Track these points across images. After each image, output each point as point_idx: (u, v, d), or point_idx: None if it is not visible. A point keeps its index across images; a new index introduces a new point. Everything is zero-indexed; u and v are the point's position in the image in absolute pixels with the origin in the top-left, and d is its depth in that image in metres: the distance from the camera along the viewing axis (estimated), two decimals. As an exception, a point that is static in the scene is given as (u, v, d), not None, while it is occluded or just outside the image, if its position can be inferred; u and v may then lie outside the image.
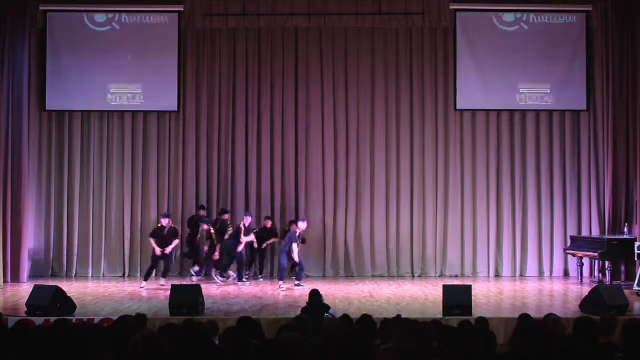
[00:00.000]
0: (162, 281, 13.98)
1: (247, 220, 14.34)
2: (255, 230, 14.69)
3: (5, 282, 14.00)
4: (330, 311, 9.57)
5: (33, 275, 15.06)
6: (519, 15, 15.83)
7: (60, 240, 15.65)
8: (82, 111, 15.83)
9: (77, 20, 15.69)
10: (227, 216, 14.88)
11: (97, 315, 10.35)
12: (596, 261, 14.62)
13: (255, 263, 15.22)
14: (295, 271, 14.12)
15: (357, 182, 15.95)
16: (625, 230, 14.44)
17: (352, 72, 15.98)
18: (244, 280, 14.24)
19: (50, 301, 10.48)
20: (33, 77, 15.46)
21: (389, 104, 15.99)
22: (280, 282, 13.71)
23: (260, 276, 15.12)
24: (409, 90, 16.00)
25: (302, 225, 13.86)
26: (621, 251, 13.89)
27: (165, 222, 14.06)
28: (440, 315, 10.07)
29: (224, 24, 15.71)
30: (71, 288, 13.00)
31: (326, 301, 10.07)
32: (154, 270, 14.08)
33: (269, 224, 15.02)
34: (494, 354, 5.49)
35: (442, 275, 15.59)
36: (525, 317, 7.32)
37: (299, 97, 15.96)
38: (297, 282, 13.76)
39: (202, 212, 15.21)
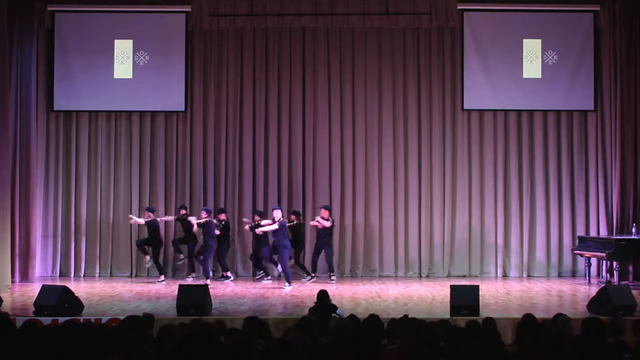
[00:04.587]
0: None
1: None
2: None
3: (13, 281, 14.03)
4: (338, 311, 9.55)
5: (41, 275, 15.13)
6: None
7: (68, 240, 15.68)
8: (90, 111, 15.87)
9: (86, 21, 15.73)
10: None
11: (104, 315, 10.35)
12: (604, 261, 14.57)
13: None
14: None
15: (365, 182, 15.93)
16: (633, 230, 14.38)
17: (359, 71, 15.97)
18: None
19: (58, 301, 10.49)
20: (41, 77, 15.50)
21: (396, 104, 15.97)
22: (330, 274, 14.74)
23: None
24: (416, 90, 15.98)
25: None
26: (629, 251, 13.84)
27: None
28: (447, 316, 10.03)
29: (231, 24, 15.72)
30: (79, 288, 13.06)
31: (333, 301, 10.05)
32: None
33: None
34: (501, 354, 5.48)
35: (449, 276, 15.56)
36: (528, 317, 7.29)
37: (305, 96, 15.95)
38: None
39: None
